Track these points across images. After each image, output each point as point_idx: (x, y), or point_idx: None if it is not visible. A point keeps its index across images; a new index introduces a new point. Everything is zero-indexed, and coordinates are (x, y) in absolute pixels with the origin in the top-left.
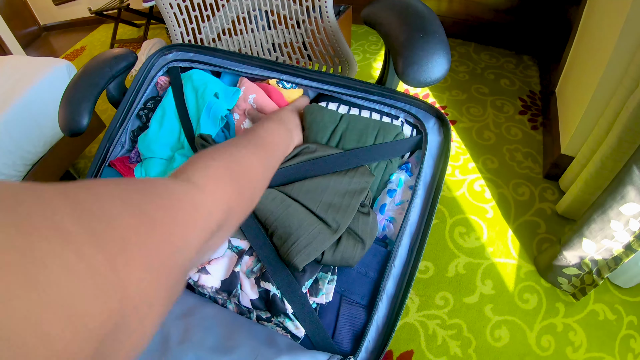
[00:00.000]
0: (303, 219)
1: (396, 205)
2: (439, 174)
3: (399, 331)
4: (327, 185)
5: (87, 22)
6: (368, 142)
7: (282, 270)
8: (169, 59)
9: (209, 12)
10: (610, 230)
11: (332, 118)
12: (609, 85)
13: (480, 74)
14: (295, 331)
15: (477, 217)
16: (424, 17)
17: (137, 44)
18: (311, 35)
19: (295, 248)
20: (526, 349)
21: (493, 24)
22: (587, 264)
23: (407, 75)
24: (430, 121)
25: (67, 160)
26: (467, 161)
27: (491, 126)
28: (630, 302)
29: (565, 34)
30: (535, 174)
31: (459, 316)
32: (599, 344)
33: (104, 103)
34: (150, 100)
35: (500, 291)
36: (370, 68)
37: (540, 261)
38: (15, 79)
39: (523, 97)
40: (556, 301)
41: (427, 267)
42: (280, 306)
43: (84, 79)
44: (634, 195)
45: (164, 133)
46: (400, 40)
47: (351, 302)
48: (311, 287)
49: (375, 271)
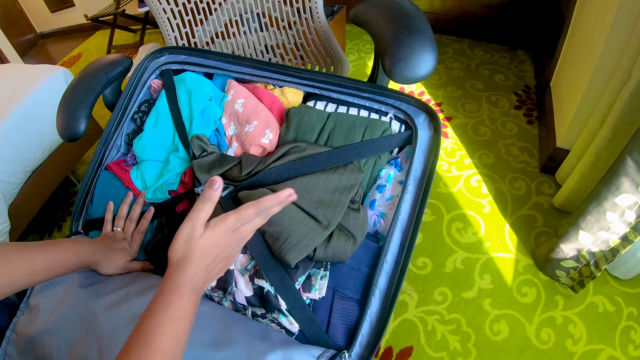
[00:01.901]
0: (294, 217)
1: (386, 201)
2: (430, 169)
3: (398, 327)
4: (317, 182)
5: (84, 28)
6: (356, 140)
7: (275, 267)
8: (161, 62)
9: (201, 16)
10: (606, 222)
11: (319, 117)
12: (602, 77)
13: (475, 69)
14: (290, 327)
15: (474, 212)
16: (410, 15)
17: (133, 49)
18: (303, 36)
19: (287, 245)
20: (526, 342)
21: (486, 19)
22: (584, 256)
23: (394, 72)
24: (420, 117)
25: (66, 167)
26: (463, 157)
27: (487, 121)
28: (630, 293)
29: (558, 28)
30: (532, 168)
31: (457, 311)
32: (599, 336)
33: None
34: (144, 103)
35: (499, 285)
36: (365, 67)
37: (538, 254)
38: (13, 87)
39: (518, 91)
40: (555, 294)
41: (425, 263)
42: (274, 302)
43: (80, 85)
44: (629, 186)
45: (158, 136)
46: (386, 39)
47: (344, 297)
48: (304, 283)
49: (367, 266)
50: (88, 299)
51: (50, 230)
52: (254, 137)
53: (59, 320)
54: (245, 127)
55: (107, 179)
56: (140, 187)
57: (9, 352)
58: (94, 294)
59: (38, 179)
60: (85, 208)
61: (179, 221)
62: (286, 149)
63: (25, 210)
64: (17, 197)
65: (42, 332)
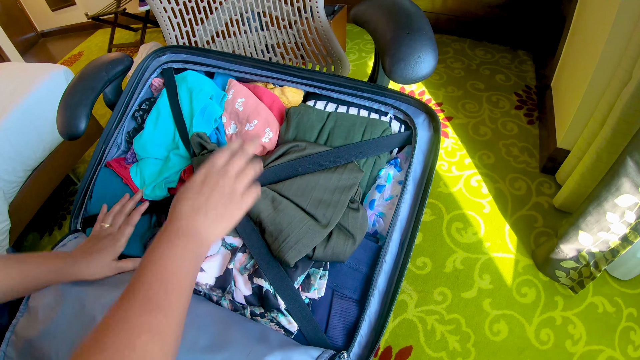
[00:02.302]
0: (293, 216)
1: (386, 201)
2: (429, 169)
3: (398, 327)
4: (317, 182)
5: (84, 27)
6: (355, 139)
7: (274, 267)
8: (162, 61)
9: (202, 15)
10: (606, 223)
11: (319, 117)
12: (603, 77)
13: (476, 69)
14: (288, 326)
15: (474, 212)
16: (410, 15)
17: (134, 47)
18: (303, 35)
19: (287, 245)
20: (525, 342)
21: (487, 19)
22: (584, 257)
23: (394, 72)
24: (420, 117)
25: (66, 165)
26: (463, 157)
27: (487, 122)
28: (630, 294)
29: (559, 28)
30: (532, 168)
31: (457, 311)
32: (599, 337)
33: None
34: (145, 102)
35: (499, 286)
36: (366, 66)
37: (538, 255)
38: (14, 85)
39: (519, 91)
40: (555, 294)
41: (425, 262)
42: (273, 301)
43: (80, 83)
44: (629, 186)
45: (159, 134)
46: (387, 38)
47: (343, 297)
48: (303, 282)
49: (367, 266)
50: (86, 301)
51: (51, 228)
52: (254, 135)
53: (57, 323)
54: (246, 125)
55: (107, 177)
56: (139, 185)
57: (9, 354)
58: (92, 295)
59: (38, 178)
60: (84, 205)
61: None
62: (286, 148)
63: (26, 208)
64: (17, 196)
65: (41, 334)
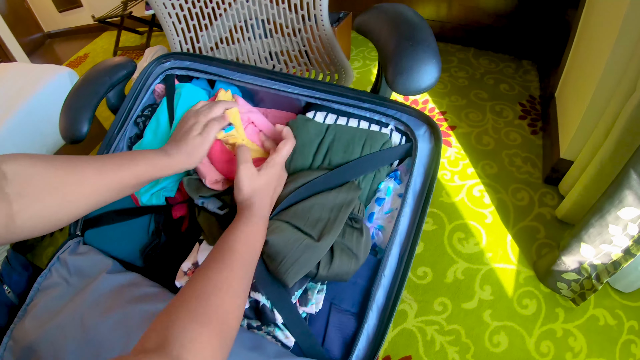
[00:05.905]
0: (289, 237)
1: (385, 214)
2: (429, 182)
3: (397, 337)
4: (314, 203)
5: (91, 29)
6: (355, 153)
7: (272, 283)
8: (166, 67)
9: (206, 22)
10: (609, 235)
11: (317, 130)
12: (607, 88)
13: (480, 79)
14: (285, 340)
15: (476, 222)
16: (414, 26)
17: (139, 51)
18: (307, 43)
19: (284, 266)
20: (525, 354)
21: (492, 28)
22: (586, 269)
23: (396, 83)
24: (421, 129)
25: None
26: (466, 166)
27: (490, 131)
28: (631, 306)
29: (564, 38)
30: (535, 179)
31: (457, 322)
32: (600, 350)
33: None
34: (148, 108)
35: (499, 297)
36: (370, 74)
37: (540, 266)
38: (19, 86)
39: (522, 101)
40: (556, 306)
41: (426, 272)
42: (270, 316)
43: (84, 87)
44: (632, 199)
45: (158, 143)
46: (389, 49)
47: (340, 310)
48: (300, 297)
49: (365, 279)
50: (84, 309)
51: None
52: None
53: (55, 330)
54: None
55: None
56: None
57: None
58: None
59: None
60: None
61: (176, 227)
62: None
63: None
64: None
65: (39, 341)
